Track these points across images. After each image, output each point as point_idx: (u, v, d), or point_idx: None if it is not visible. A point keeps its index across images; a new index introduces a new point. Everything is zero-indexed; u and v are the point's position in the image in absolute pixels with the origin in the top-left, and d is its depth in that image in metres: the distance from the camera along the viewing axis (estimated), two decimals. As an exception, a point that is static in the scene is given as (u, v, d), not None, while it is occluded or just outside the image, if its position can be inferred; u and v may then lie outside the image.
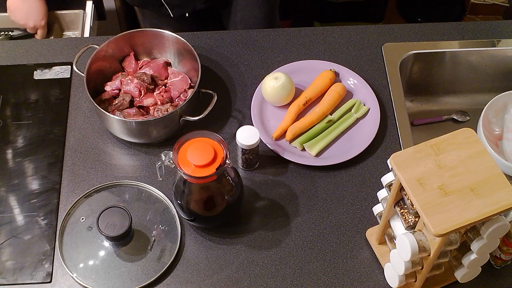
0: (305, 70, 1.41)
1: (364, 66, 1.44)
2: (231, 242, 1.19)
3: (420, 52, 1.46)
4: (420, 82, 1.53)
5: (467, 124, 1.51)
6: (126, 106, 1.29)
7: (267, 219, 1.22)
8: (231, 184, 1.14)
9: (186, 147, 1.05)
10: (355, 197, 1.24)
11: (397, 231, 1.06)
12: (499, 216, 0.96)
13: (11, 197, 1.24)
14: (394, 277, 1.06)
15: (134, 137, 1.28)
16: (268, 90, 1.32)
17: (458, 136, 0.99)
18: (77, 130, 1.33)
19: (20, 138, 1.32)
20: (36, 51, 1.46)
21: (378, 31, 1.51)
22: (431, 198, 0.92)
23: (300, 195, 1.25)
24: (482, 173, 0.95)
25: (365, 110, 1.35)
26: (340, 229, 1.20)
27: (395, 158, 0.97)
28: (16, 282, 1.14)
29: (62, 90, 1.39)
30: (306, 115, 1.33)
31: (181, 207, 1.15)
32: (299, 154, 1.29)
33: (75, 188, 1.25)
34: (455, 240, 0.99)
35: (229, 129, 1.33)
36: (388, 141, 1.32)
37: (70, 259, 1.16)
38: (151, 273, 1.14)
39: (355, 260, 1.17)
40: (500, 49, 1.48)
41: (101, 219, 1.12)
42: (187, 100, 1.25)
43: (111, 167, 1.28)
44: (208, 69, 1.41)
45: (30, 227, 1.20)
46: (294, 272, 1.16)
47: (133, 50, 1.38)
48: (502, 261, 1.13)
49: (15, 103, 1.37)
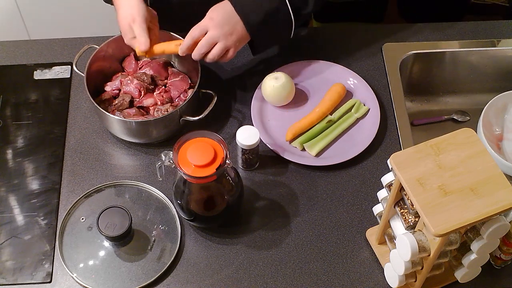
0: (305, 70, 1.41)
1: (364, 66, 1.44)
2: (231, 242, 1.19)
3: (420, 52, 1.46)
4: (420, 82, 1.53)
5: (467, 124, 1.51)
6: (126, 106, 1.29)
7: (267, 219, 1.22)
8: (231, 184, 1.14)
9: (186, 147, 1.06)
10: (355, 197, 1.24)
11: (397, 231, 1.06)
12: (499, 216, 0.96)
13: (11, 197, 1.24)
14: (394, 277, 1.06)
15: (134, 137, 1.28)
16: (268, 90, 1.32)
17: (458, 136, 0.99)
18: (77, 130, 1.33)
19: (20, 138, 1.32)
20: (36, 51, 1.46)
21: (378, 31, 1.51)
22: (431, 198, 0.92)
23: (300, 195, 1.25)
24: (482, 173, 0.95)
25: (365, 110, 1.35)
26: (340, 229, 1.20)
27: (395, 158, 0.97)
28: (16, 282, 1.14)
29: (62, 90, 1.39)
30: (306, 115, 1.33)
31: (181, 207, 1.15)
32: (299, 154, 1.29)
33: (75, 188, 1.25)
34: (455, 240, 0.99)
35: (229, 129, 1.33)
36: (388, 141, 1.32)
37: (70, 259, 1.16)
38: (151, 273, 1.14)
39: (355, 260, 1.17)
40: (500, 49, 1.48)
41: (101, 219, 1.12)
42: (187, 100, 1.25)
43: (111, 167, 1.28)
44: (208, 69, 1.41)
45: (30, 227, 1.20)
46: (294, 272, 1.16)
47: (133, 50, 1.37)
48: (502, 261, 1.13)
49: (15, 103, 1.37)
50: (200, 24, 1.21)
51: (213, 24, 1.20)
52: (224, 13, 1.21)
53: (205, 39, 1.21)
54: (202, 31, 1.21)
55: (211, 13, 1.22)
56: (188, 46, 1.22)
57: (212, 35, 1.20)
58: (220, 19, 1.21)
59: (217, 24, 1.20)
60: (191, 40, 1.21)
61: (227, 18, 1.21)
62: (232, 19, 1.21)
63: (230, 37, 1.22)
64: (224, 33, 1.21)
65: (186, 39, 1.22)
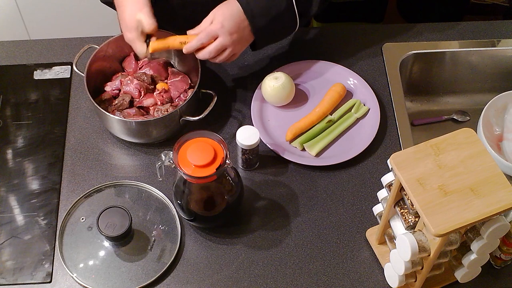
0: (305, 70, 1.41)
1: (364, 66, 1.44)
2: (231, 242, 1.19)
3: (420, 52, 1.46)
4: (420, 82, 1.53)
5: (467, 124, 1.51)
6: (126, 107, 1.29)
7: (267, 219, 1.22)
8: (231, 184, 1.14)
9: (186, 147, 1.06)
10: (355, 197, 1.24)
11: (397, 231, 1.06)
12: (499, 216, 0.96)
13: (11, 197, 1.24)
14: (394, 277, 1.06)
15: (134, 137, 1.28)
16: (268, 90, 1.32)
17: (458, 136, 0.99)
18: (77, 130, 1.33)
19: (20, 138, 1.32)
20: (36, 51, 1.46)
21: (378, 31, 1.51)
22: (431, 198, 0.92)
23: (300, 195, 1.25)
24: (482, 173, 0.95)
25: (365, 110, 1.35)
26: (340, 229, 1.20)
27: (395, 158, 0.97)
28: (16, 282, 1.14)
29: (62, 90, 1.39)
30: (306, 115, 1.33)
31: (181, 207, 1.15)
32: (299, 154, 1.29)
33: (75, 188, 1.25)
34: (455, 240, 0.99)
35: (229, 129, 1.33)
36: (388, 141, 1.32)
37: (70, 259, 1.16)
38: (151, 273, 1.14)
39: (355, 260, 1.17)
40: (500, 49, 1.48)
41: (101, 219, 1.12)
42: (187, 100, 1.25)
43: (111, 167, 1.28)
44: (208, 69, 1.41)
45: (30, 227, 1.20)
46: (294, 272, 1.16)
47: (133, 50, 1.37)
48: (502, 261, 1.13)
49: (15, 103, 1.37)
50: (210, 29, 1.20)
51: (223, 31, 1.19)
52: (233, 19, 1.20)
53: (215, 46, 1.20)
54: (211, 37, 1.20)
55: (220, 17, 1.20)
56: (195, 48, 1.22)
57: (222, 42, 1.20)
58: (231, 26, 1.20)
59: (227, 32, 1.19)
60: (199, 44, 1.21)
61: (237, 24, 1.20)
62: (241, 24, 1.21)
63: (239, 44, 1.22)
64: (234, 41, 1.21)
65: (194, 42, 1.21)
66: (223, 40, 1.20)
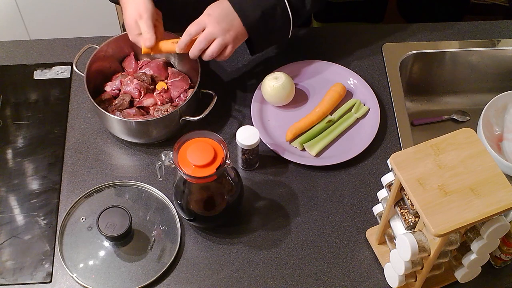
0: (305, 70, 1.41)
1: (364, 66, 1.44)
2: (231, 242, 1.19)
3: (420, 52, 1.46)
4: (420, 82, 1.53)
5: (467, 124, 1.51)
6: (126, 107, 1.29)
7: (267, 219, 1.22)
8: (231, 184, 1.14)
9: (186, 147, 1.06)
10: (355, 197, 1.24)
11: (397, 231, 1.06)
12: (499, 216, 0.96)
13: (11, 197, 1.24)
14: (394, 277, 1.06)
15: (134, 137, 1.28)
16: (268, 90, 1.32)
17: (458, 136, 0.99)
18: (77, 130, 1.33)
19: (20, 138, 1.32)
20: (36, 51, 1.46)
21: (378, 31, 1.51)
22: (431, 198, 0.92)
23: (300, 195, 1.25)
24: (482, 173, 0.95)
25: (365, 110, 1.35)
26: (340, 229, 1.20)
27: (395, 158, 0.97)
28: (16, 282, 1.14)
29: (62, 90, 1.39)
30: (306, 115, 1.33)
31: (181, 207, 1.15)
32: (299, 154, 1.29)
33: (75, 188, 1.25)
34: (455, 240, 0.99)
35: (229, 129, 1.33)
36: (388, 141, 1.32)
37: (70, 259, 1.16)
38: (151, 273, 1.14)
39: (355, 260, 1.17)
40: (500, 49, 1.48)
41: (101, 219, 1.12)
42: (187, 100, 1.25)
43: (111, 167, 1.28)
44: (208, 69, 1.41)
45: (30, 227, 1.20)
46: (294, 272, 1.16)
47: (133, 50, 1.38)
48: (502, 261, 1.13)
49: (15, 103, 1.37)
50: (197, 20, 1.21)
51: (210, 20, 1.20)
52: (221, 10, 1.21)
53: (203, 35, 1.20)
54: (199, 28, 1.21)
55: (208, 10, 1.22)
56: (185, 43, 1.21)
57: (210, 31, 1.20)
58: (217, 15, 1.20)
59: (214, 20, 1.20)
60: (188, 37, 1.21)
61: (225, 14, 1.21)
62: (229, 15, 1.21)
63: (228, 33, 1.21)
64: (222, 29, 1.20)
65: (184, 36, 1.21)
66: (211, 28, 1.20)
